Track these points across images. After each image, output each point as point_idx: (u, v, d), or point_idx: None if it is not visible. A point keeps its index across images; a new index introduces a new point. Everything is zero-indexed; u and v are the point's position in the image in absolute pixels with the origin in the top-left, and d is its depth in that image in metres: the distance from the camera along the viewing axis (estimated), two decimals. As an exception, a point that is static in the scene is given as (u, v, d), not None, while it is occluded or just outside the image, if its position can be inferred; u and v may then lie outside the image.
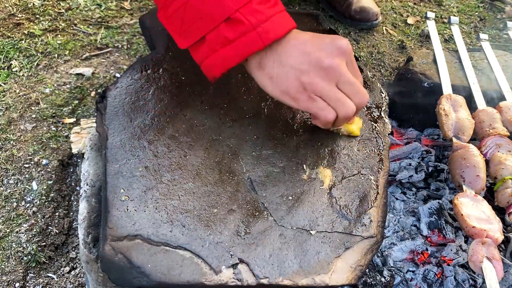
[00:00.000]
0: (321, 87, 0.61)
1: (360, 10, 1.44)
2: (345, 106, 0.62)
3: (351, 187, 0.69)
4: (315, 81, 0.61)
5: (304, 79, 0.61)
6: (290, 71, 0.61)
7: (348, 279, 0.60)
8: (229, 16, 0.58)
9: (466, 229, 0.74)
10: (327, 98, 0.62)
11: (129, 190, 0.63)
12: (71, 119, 1.16)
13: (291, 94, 0.62)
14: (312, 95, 0.62)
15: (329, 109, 0.62)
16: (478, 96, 1.01)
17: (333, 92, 0.61)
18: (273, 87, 0.63)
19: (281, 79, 0.62)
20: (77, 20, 1.40)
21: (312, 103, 0.62)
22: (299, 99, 0.62)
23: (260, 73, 0.63)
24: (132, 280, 0.56)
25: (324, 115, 0.63)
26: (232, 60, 0.61)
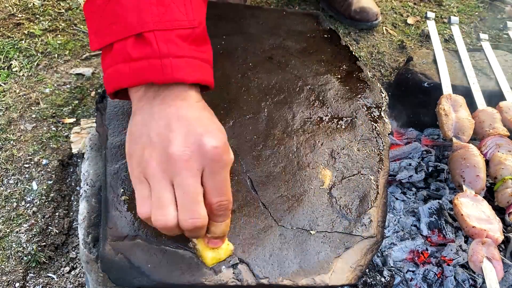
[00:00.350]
0: (152, 173, 0.49)
1: (360, 10, 1.44)
2: (161, 212, 0.48)
3: (351, 187, 0.69)
4: (151, 163, 0.49)
5: (145, 153, 0.49)
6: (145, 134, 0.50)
7: (348, 279, 0.60)
8: (141, 33, 0.50)
9: (466, 229, 0.74)
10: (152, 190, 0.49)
11: (129, 190, 0.63)
12: (71, 119, 1.16)
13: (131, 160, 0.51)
14: (141, 176, 0.50)
15: (147, 202, 0.50)
16: (478, 96, 1.01)
17: (160, 188, 0.48)
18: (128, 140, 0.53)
19: (135, 137, 0.52)
20: (77, 20, 1.40)
21: (138, 184, 0.51)
22: (133, 171, 0.51)
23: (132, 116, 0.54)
24: (132, 280, 0.56)
25: (138, 205, 0.50)
26: (127, 80, 0.51)
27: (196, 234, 0.53)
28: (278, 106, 0.77)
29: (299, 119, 0.76)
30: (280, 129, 0.74)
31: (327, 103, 0.79)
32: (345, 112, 0.79)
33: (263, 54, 0.85)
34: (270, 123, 0.74)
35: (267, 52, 0.85)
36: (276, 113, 0.76)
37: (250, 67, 0.82)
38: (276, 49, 0.86)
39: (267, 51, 0.85)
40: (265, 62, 0.83)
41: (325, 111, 0.78)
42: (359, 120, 0.78)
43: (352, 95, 0.82)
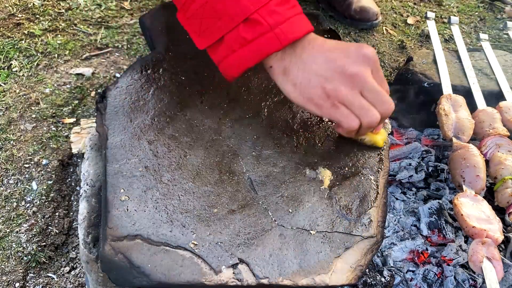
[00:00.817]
0: (344, 94, 0.61)
1: (360, 10, 1.44)
2: (369, 114, 0.62)
3: (351, 187, 0.69)
4: (339, 88, 0.60)
5: (327, 86, 0.61)
6: (314, 78, 0.61)
7: (348, 279, 0.60)
8: (248, 17, 0.59)
9: (466, 229, 0.74)
10: (351, 105, 0.61)
11: (129, 190, 0.63)
12: (71, 119, 1.16)
13: (314, 101, 0.62)
14: (335, 102, 0.61)
15: (352, 116, 0.62)
16: (478, 96, 1.01)
17: (357, 99, 0.61)
18: (297, 94, 0.63)
19: (304, 86, 0.62)
20: (77, 20, 1.40)
21: (336, 111, 0.62)
22: (322, 106, 0.62)
23: (284, 79, 0.63)
24: (132, 280, 0.56)
25: (347, 122, 0.62)
26: (250, 60, 0.61)
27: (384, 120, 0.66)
28: (278, 106, 0.77)
29: (299, 119, 0.76)
30: (280, 129, 0.74)
31: (327, 103, 0.79)
32: (345, 112, 0.79)
33: (263, 54, 0.85)
34: (270, 123, 0.74)
35: (267, 52, 0.85)
36: (276, 113, 0.76)
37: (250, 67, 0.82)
38: (276, 49, 0.86)
39: (267, 51, 0.85)
40: (265, 62, 0.83)
41: (325, 111, 0.78)
42: (359, 120, 0.78)
43: (352, 95, 0.82)
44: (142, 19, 0.88)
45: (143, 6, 1.48)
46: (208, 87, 0.77)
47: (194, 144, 0.70)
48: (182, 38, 0.84)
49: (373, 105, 0.62)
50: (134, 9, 1.47)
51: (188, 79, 0.78)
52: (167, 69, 0.79)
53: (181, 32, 0.85)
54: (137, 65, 0.78)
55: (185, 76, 0.78)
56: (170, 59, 0.80)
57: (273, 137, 0.73)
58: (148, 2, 1.49)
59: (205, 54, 0.82)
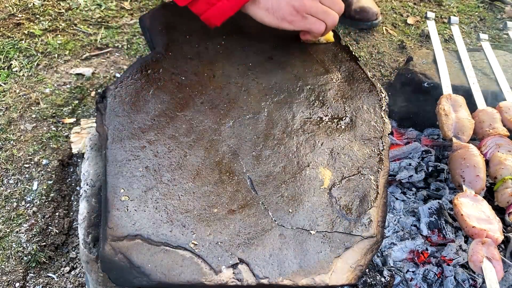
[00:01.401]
0: (309, 6, 0.76)
1: (360, 10, 1.44)
2: (330, 16, 0.78)
3: (351, 187, 0.69)
4: (304, 2, 0.75)
5: (295, 4, 0.75)
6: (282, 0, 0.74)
7: (348, 279, 0.60)
8: None
9: (466, 229, 0.74)
10: (316, 13, 0.77)
11: (129, 190, 0.63)
12: (71, 119, 1.16)
13: (287, 19, 0.76)
14: (304, 14, 0.76)
15: (319, 22, 0.78)
16: (478, 96, 1.01)
17: (320, 7, 0.77)
18: (270, 17, 0.76)
19: (276, 9, 0.75)
20: (77, 20, 1.40)
21: (305, 21, 0.77)
22: (294, 21, 0.76)
23: (256, 7, 0.75)
24: (132, 280, 0.56)
25: (317, 28, 0.78)
26: (231, 10, 0.73)
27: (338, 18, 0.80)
28: (278, 106, 0.77)
29: (299, 119, 0.76)
30: (280, 129, 0.74)
31: (327, 103, 0.79)
32: (345, 112, 0.79)
33: (263, 54, 0.85)
34: (270, 123, 0.74)
35: (267, 52, 0.85)
36: (276, 113, 0.76)
37: (250, 67, 0.82)
38: (276, 49, 0.86)
39: (267, 51, 0.85)
40: (265, 62, 0.83)
41: (325, 111, 0.78)
42: (359, 120, 0.78)
43: (352, 95, 0.82)
44: (142, 19, 0.88)
45: (143, 6, 1.48)
46: (208, 87, 0.77)
47: (194, 144, 0.70)
48: (182, 38, 0.84)
49: (330, 8, 0.78)
50: (134, 9, 1.47)
51: (188, 79, 0.78)
52: (167, 69, 0.79)
53: (181, 32, 0.85)
54: (137, 65, 0.78)
55: (185, 76, 0.78)
56: (170, 59, 0.80)
57: (273, 137, 0.73)
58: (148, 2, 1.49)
59: (205, 54, 0.82)
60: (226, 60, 0.82)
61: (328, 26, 0.79)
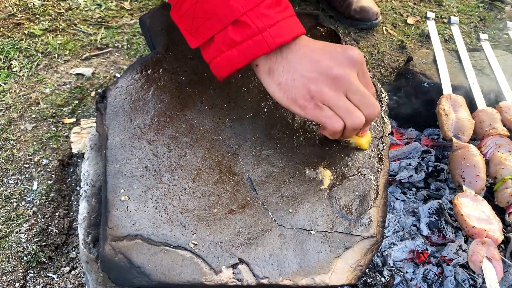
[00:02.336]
0: (328, 96, 0.60)
1: (360, 9, 1.45)
2: (353, 116, 0.61)
3: (351, 187, 0.69)
4: (323, 89, 0.60)
5: (312, 87, 0.61)
6: (298, 78, 0.61)
7: (348, 279, 0.60)
8: (236, 19, 0.59)
9: (466, 229, 0.74)
10: (335, 107, 0.61)
11: (129, 190, 0.63)
12: (71, 119, 1.16)
13: (298, 102, 0.62)
14: (319, 103, 0.61)
15: (336, 118, 0.62)
16: (478, 96, 1.01)
17: (342, 101, 0.61)
18: (281, 94, 0.63)
19: (289, 87, 0.62)
20: (77, 20, 1.40)
21: (320, 112, 0.62)
22: (306, 107, 0.62)
23: (270, 79, 0.63)
24: (132, 280, 0.56)
25: (331, 124, 0.62)
26: (238, 62, 0.61)
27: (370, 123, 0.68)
28: (278, 106, 0.77)
29: (299, 119, 0.76)
30: (280, 129, 0.74)
31: (327, 103, 0.79)
32: (345, 112, 0.79)
33: (263, 54, 0.85)
34: (270, 123, 0.74)
35: (267, 52, 0.85)
36: (276, 113, 0.76)
37: (250, 67, 0.82)
38: (276, 49, 0.86)
39: (267, 51, 0.85)
40: (265, 62, 0.83)
41: (325, 111, 0.78)
42: (359, 120, 0.78)
43: (352, 95, 0.82)
44: (142, 19, 0.88)
45: (143, 6, 1.48)
46: (208, 87, 0.77)
47: (194, 144, 0.70)
48: (182, 38, 0.84)
49: (358, 107, 0.62)
50: (134, 9, 1.47)
51: (188, 79, 0.78)
52: (167, 69, 0.79)
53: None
54: (137, 65, 0.78)
55: (185, 76, 0.78)
56: (170, 59, 0.80)
57: (273, 137, 0.73)
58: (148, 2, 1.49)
59: (205, 54, 0.82)
60: (226, 60, 0.82)
61: (347, 127, 0.63)
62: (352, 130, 0.64)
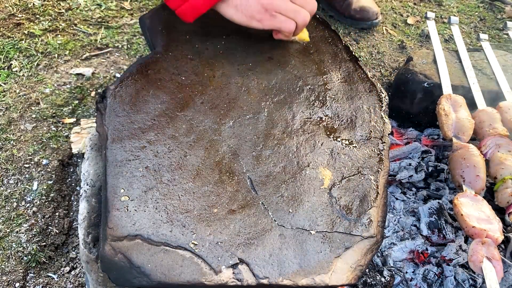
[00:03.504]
0: (278, 4, 0.74)
1: (360, 9, 1.44)
2: (301, 14, 0.76)
3: (351, 187, 0.69)
4: (273, 1, 0.73)
5: (263, 1, 0.73)
6: None
7: (348, 279, 0.60)
8: None
9: (466, 229, 0.74)
10: (286, 12, 0.75)
11: (129, 190, 0.63)
12: (71, 119, 1.16)
13: (256, 17, 0.74)
14: (273, 13, 0.74)
15: (289, 20, 0.76)
16: (478, 96, 1.01)
17: (289, 6, 0.75)
18: (239, 14, 0.75)
19: (244, 6, 0.74)
20: (77, 20, 1.40)
21: (275, 20, 0.75)
22: (263, 19, 0.75)
23: (226, 5, 0.74)
24: (132, 280, 0.56)
25: (287, 26, 0.76)
26: (202, 7, 0.73)
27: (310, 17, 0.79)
28: (278, 106, 0.77)
29: (299, 119, 0.76)
30: (280, 129, 0.74)
31: (327, 103, 0.79)
32: (345, 112, 0.79)
33: (263, 54, 0.85)
34: (270, 123, 0.74)
35: (267, 52, 0.85)
36: (276, 113, 0.76)
37: (250, 67, 0.82)
38: (276, 49, 0.86)
39: (267, 51, 0.85)
40: (265, 62, 0.83)
41: (325, 111, 0.78)
42: (359, 120, 0.78)
43: (352, 95, 0.82)
44: (142, 19, 0.88)
45: (143, 6, 1.48)
46: (208, 87, 0.77)
47: (194, 144, 0.70)
48: (182, 38, 0.84)
49: (302, 7, 0.76)
50: (134, 9, 1.47)
51: (188, 79, 0.78)
52: (167, 69, 0.79)
53: (181, 32, 0.85)
54: (137, 65, 0.78)
55: (185, 76, 0.78)
56: (170, 59, 0.80)
57: (273, 137, 0.73)
58: (148, 2, 1.49)
59: (205, 54, 0.82)
60: (226, 60, 0.82)
61: (299, 25, 0.77)
62: (302, 26, 0.78)
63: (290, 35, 0.79)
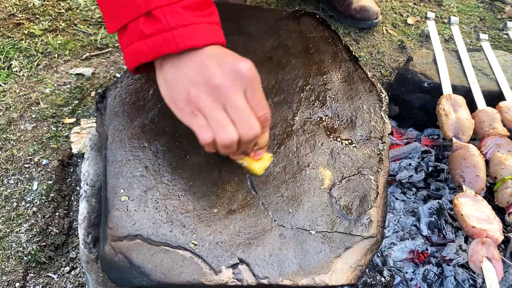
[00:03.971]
0: (204, 104, 0.56)
1: (360, 9, 1.44)
2: (223, 131, 0.56)
3: (351, 187, 0.69)
4: (201, 96, 0.56)
5: (191, 92, 0.57)
6: (182, 79, 0.58)
7: (348, 279, 0.60)
8: (149, 11, 0.56)
9: (466, 229, 0.74)
10: (208, 117, 0.57)
11: (129, 190, 0.63)
12: (71, 119, 1.16)
13: (177, 104, 0.59)
14: (195, 110, 0.57)
15: (207, 129, 0.57)
16: (478, 96, 1.01)
17: (216, 113, 0.56)
18: (164, 90, 0.60)
19: (172, 85, 0.59)
20: (77, 20, 1.40)
21: (193, 119, 0.58)
22: (183, 110, 0.58)
23: (159, 73, 0.60)
24: (132, 280, 0.56)
25: (201, 134, 0.57)
26: (145, 55, 0.58)
27: (250, 146, 0.60)
28: (278, 106, 0.77)
29: (299, 119, 0.76)
30: (280, 129, 0.74)
31: (327, 103, 0.79)
32: (345, 112, 0.79)
33: (263, 54, 0.85)
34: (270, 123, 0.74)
35: (267, 52, 0.85)
36: (276, 113, 0.76)
37: (250, 67, 0.82)
38: (276, 49, 0.86)
39: (267, 51, 0.85)
40: (265, 62, 0.83)
41: (325, 111, 0.78)
42: (359, 120, 0.78)
43: (352, 95, 0.82)
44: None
45: (143, 6, 1.48)
46: (208, 87, 0.77)
47: (194, 144, 0.70)
48: (182, 38, 0.84)
49: (234, 124, 0.57)
50: (134, 9, 1.47)
51: (188, 79, 0.78)
52: (167, 69, 0.79)
53: (181, 32, 0.85)
54: (137, 65, 0.78)
55: (185, 76, 0.78)
56: (170, 59, 0.80)
57: (273, 137, 0.73)
58: (148, 2, 1.49)
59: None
60: (226, 60, 0.82)
61: (217, 143, 0.57)
62: (222, 147, 0.58)
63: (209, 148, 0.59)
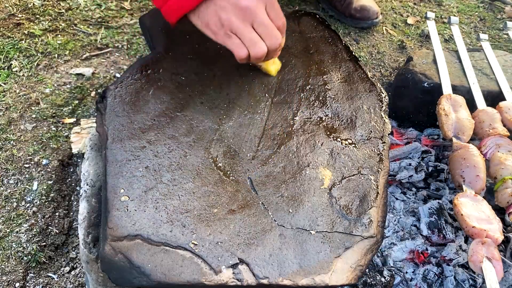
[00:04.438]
0: (236, 25, 0.67)
1: (361, 8, 1.44)
2: (256, 46, 0.68)
3: (351, 187, 0.69)
4: (231, 19, 0.67)
5: (222, 15, 0.67)
6: (212, 6, 0.67)
7: (348, 279, 0.60)
8: None
9: (466, 229, 0.74)
10: (241, 36, 0.68)
11: (129, 190, 0.63)
12: (71, 119, 1.16)
13: (210, 27, 0.68)
14: (228, 32, 0.68)
15: (242, 46, 0.69)
16: (478, 96, 1.01)
17: (247, 31, 0.67)
18: (196, 17, 0.69)
19: (203, 13, 0.68)
20: (77, 20, 1.40)
21: (228, 39, 0.69)
22: (217, 33, 0.69)
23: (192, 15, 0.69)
24: (132, 280, 0.56)
25: (237, 51, 0.69)
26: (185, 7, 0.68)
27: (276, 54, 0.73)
28: (278, 106, 0.77)
29: (299, 119, 0.76)
30: (280, 129, 0.74)
31: (327, 103, 0.79)
32: (345, 112, 0.79)
33: (263, 54, 0.85)
34: (270, 123, 0.74)
35: (267, 52, 0.85)
36: (276, 113, 0.76)
37: (250, 67, 0.82)
38: (276, 49, 0.86)
39: (267, 51, 0.85)
40: (265, 62, 0.83)
41: (325, 111, 0.78)
42: (359, 120, 0.78)
43: (352, 95, 0.82)
44: (142, 19, 0.88)
45: (143, 6, 1.48)
46: (208, 87, 0.77)
47: (194, 144, 0.70)
48: (182, 38, 0.84)
49: (262, 38, 0.68)
50: (134, 9, 1.47)
51: (188, 79, 0.78)
52: (167, 69, 0.79)
53: (181, 32, 0.85)
54: (137, 65, 0.78)
55: (185, 76, 0.78)
56: (170, 59, 0.80)
57: (273, 137, 0.73)
58: (148, 2, 1.49)
59: (205, 54, 0.82)
60: (226, 60, 0.82)
61: (251, 57, 0.70)
62: (255, 59, 0.70)
63: (242, 61, 0.71)
